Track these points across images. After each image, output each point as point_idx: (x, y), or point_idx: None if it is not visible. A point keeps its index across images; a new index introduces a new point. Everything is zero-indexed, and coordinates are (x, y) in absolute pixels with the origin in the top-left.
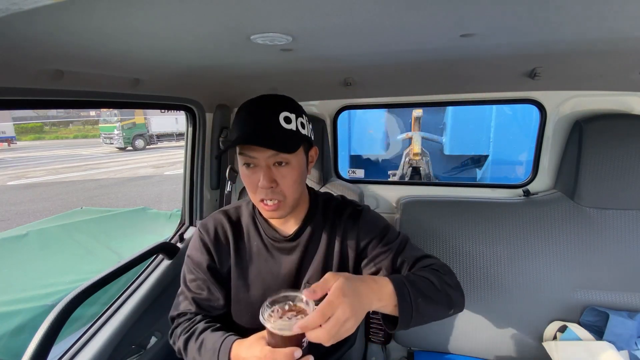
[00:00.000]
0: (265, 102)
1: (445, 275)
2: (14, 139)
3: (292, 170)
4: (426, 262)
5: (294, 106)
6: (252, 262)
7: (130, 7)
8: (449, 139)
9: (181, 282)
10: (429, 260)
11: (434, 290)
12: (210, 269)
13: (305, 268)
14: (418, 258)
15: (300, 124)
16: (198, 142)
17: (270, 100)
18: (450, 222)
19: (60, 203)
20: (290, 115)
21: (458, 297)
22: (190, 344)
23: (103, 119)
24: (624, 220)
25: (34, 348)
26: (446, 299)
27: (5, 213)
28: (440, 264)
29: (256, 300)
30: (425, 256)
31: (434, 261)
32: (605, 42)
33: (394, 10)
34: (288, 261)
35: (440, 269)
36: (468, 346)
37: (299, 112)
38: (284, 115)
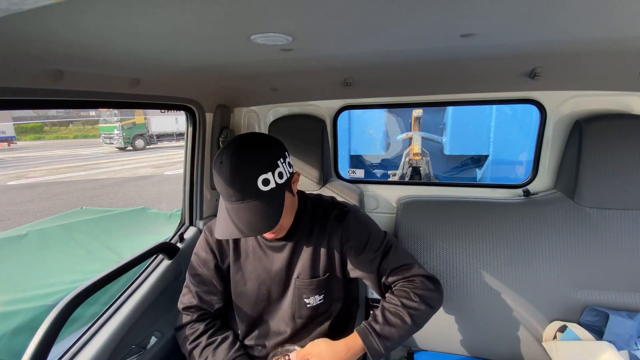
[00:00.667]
0: (241, 172)
1: (417, 295)
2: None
3: (284, 211)
4: (406, 273)
5: (268, 158)
6: (248, 260)
7: (130, 7)
8: (449, 139)
9: (186, 275)
10: (408, 271)
11: (401, 328)
12: (214, 266)
13: (295, 264)
14: (398, 268)
15: (277, 176)
16: (198, 142)
17: (247, 164)
18: (450, 222)
19: (60, 203)
20: (266, 175)
21: (429, 312)
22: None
23: (103, 119)
24: (624, 220)
25: (34, 348)
26: (415, 325)
27: (5, 213)
28: (417, 280)
29: (252, 294)
30: (405, 266)
31: (412, 273)
32: (605, 42)
33: (394, 10)
34: (279, 258)
35: (414, 289)
36: (468, 346)
37: (273, 163)
38: (262, 178)
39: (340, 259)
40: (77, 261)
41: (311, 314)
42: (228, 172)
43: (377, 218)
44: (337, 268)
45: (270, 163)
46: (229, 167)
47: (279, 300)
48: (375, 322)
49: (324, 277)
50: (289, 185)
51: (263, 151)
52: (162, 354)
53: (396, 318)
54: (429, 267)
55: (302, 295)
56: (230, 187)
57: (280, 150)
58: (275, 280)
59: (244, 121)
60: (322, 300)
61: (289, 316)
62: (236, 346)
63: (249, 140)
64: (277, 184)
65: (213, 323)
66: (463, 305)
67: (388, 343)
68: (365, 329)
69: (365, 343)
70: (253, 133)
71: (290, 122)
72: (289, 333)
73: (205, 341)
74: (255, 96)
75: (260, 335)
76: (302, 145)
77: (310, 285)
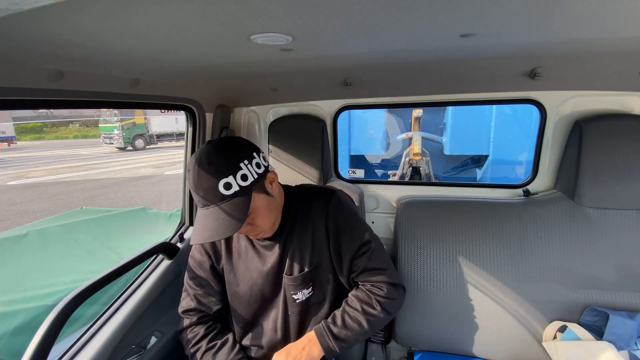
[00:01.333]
0: (203, 178)
1: (379, 304)
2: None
3: (258, 213)
4: (375, 277)
5: (230, 162)
6: (241, 260)
7: (130, 7)
8: (449, 139)
9: (184, 279)
10: (378, 275)
11: (357, 332)
12: (209, 267)
13: (285, 261)
14: (370, 270)
15: (240, 178)
16: (198, 142)
17: (208, 171)
18: (450, 222)
19: (60, 203)
20: (227, 179)
21: (387, 319)
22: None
23: (103, 119)
24: (624, 220)
25: (34, 348)
26: (371, 330)
27: (5, 213)
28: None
29: (245, 294)
30: (377, 270)
31: (381, 279)
32: (605, 42)
33: (394, 10)
34: (270, 257)
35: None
36: (468, 346)
37: (235, 166)
38: (223, 183)
39: (328, 244)
40: (77, 261)
41: (302, 309)
42: (192, 179)
43: (377, 218)
44: (326, 256)
45: (232, 167)
46: (194, 174)
47: (272, 299)
48: (334, 324)
49: (309, 269)
50: (260, 186)
51: (224, 156)
52: (162, 354)
53: (354, 323)
54: (428, 267)
55: (291, 292)
56: (196, 193)
57: (247, 152)
58: (267, 280)
59: (244, 121)
60: (311, 292)
61: (282, 313)
62: (235, 350)
63: (212, 146)
64: (241, 187)
65: (214, 326)
66: (463, 305)
67: (344, 344)
68: (322, 331)
69: (322, 344)
70: (221, 138)
71: (290, 122)
72: (284, 331)
73: (205, 346)
74: (255, 96)
75: (256, 335)
76: (302, 145)
77: (296, 281)
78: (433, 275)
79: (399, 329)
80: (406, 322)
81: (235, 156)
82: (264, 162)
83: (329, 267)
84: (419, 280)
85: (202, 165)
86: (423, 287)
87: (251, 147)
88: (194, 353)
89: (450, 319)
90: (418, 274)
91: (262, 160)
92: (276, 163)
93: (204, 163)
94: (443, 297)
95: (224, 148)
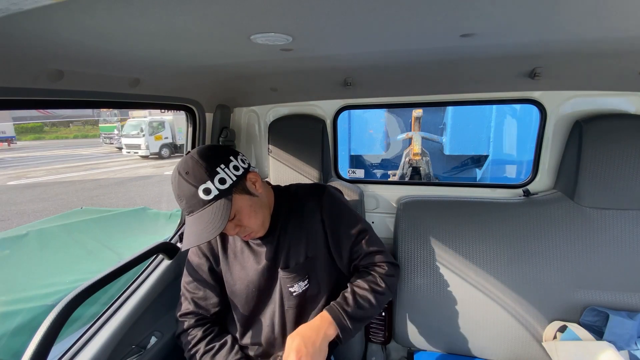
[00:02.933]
0: (183, 187)
1: (384, 281)
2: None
3: (243, 213)
4: (376, 259)
5: (205, 168)
6: (236, 260)
7: (130, 7)
8: (449, 139)
9: (182, 284)
10: (378, 257)
11: (368, 310)
12: (207, 269)
13: (279, 257)
14: (371, 253)
15: (218, 182)
16: (198, 142)
17: (187, 179)
18: (450, 222)
19: (60, 203)
20: (206, 185)
21: (390, 296)
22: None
23: (103, 118)
24: (624, 220)
25: (34, 348)
26: (378, 308)
27: (5, 213)
28: (384, 266)
29: (242, 293)
30: (377, 252)
31: (382, 259)
32: (605, 42)
33: (394, 10)
34: (264, 255)
35: (382, 275)
36: (468, 346)
37: (212, 171)
38: (202, 188)
39: (324, 237)
40: (77, 261)
41: (299, 302)
42: (175, 190)
43: (377, 218)
44: (321, 248)
45: (209, 172)
46: (175, 184)
47: (268, 295)
48: (346, 304)
49: (304, 261)
50: (241, 187)
51: (201, 163)
52: (162, 354)
53: (364, 301)
54: (428, 267)
55: (287, 285)
56: (179, 202)
57: (223, 157)
58: (263, 276)
59: (244, 121)
60: (307, 285)
61: (279, 308)
62: (234, 351)
63: (190, 156)
64: (220, 190)
65: (212, 329)
66: (463, 305)
67: (357, 324)
68: (336, 311)
69: (338, 324)
70: (198, 147)
71: (290, 122)
72: (281, 327)
73: (203, 348)
74: (255, 96)
75: (255, 332)
76: (302, 145)
77: (292, 273)
78: (433, 275)
79: (399, 329)
80: (406, 322)
81: (211, 162)
82: (243, 164)
83: (324, 259)
84: (419, 280)
85: (181, 175)
86: (423, 287)
87: (228, 152)
88: (192, 355)
89: (450, 319)
90: (418, 274)
91: (241, 163)
92: (276, 163)
93: (182, 173)
94: (443, 297)
95: (200, 156)
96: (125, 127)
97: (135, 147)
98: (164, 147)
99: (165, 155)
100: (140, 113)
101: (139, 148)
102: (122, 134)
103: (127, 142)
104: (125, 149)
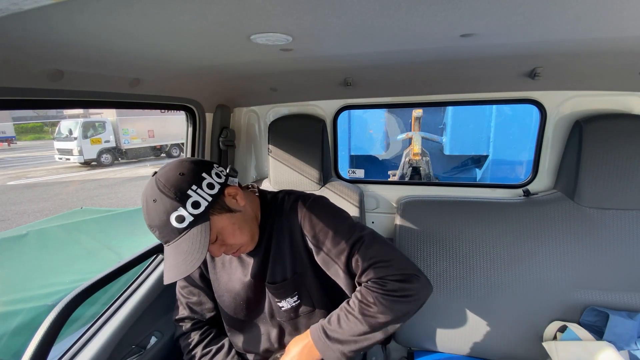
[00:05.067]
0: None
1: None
2: (14, 139)
3: (225, 234)
4: (379, 272)
5: (174, 194)
6: (224, 271)
7: (130, 7)
8: (449, 139)
9: (176, 289)
10: (382, 270)
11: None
12: (199, 276)
13: (265, 270)
14: (371, 266)
15: (192, 206)
16: (198, 142)
17: (155, 208)
18: (450, 222)
19: (60, 203)
20: (177, 212)
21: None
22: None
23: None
24: (624, 220)
25: (34, 348)
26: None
27: (5, 213)
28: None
29: (230, 304)
30: (379, 263)
31: (386, 273)
32: (605, 42)
33: (394, 10)
34: (251, 267)
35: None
36: (468, 346)
37: (183, 196)
38: (174, 216)
39: (308, 254)
40: (77, 261)
41: (291, 317)
42: (145, 219)
43: (377, 218)
44: (307, 265)
45: (179, 198)
46: (145, 213)
47: (257, 308)
48: (328, 323)
49: (291, 277)
50: (219, 206)
51: (168, 188)
52: (162, 354)
53: (350, 322)
54: (428, 267)
55: (275, 300)
56: (152, 232)
57: (193, 176)
58: (250, 290)
59: (244, 121)
60: (297, 302)
61: (269, 319)
62: (230, 354)
63: (155, 180)
64: (195, 215)
65: (209, 332)
66: (463, 305)
67: (341, 347)
68: (317, 331)
69: (317, 346)
70: (163, 168)
71: (290, 122)
72: (277, 333)
73: (200, 352)
74: (255, 96)
75: (248, 340)
76: (302, 145)
77: (278, 290)
78: (433, 276)
79: (399, 329)
80: (406, 322)
81: (180, 185)
82: (218, 179)
83: (314, 276)
84: None
85: (149, 203)
86: None
87: (199, 168)
88: (190, 359)
89: (450, 319)
90: None
91: (216, 178)
92: (276, 163)
93: (150, 201)
94: (443, 297)
95: (167, 179)
96: (58, 129)
97: (67, 152)
98: (103, 153)
99: (106, 162)
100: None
101: (71, 154)
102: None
103: (59, 147)
104: (58, 155)
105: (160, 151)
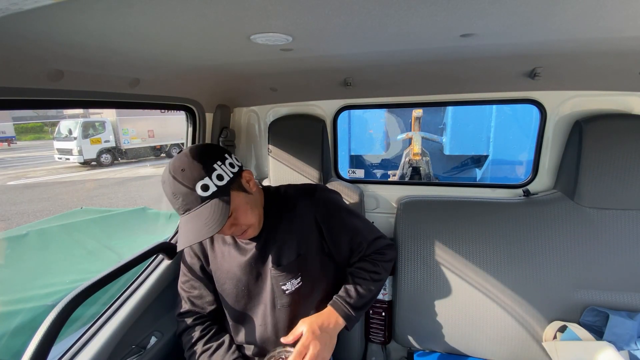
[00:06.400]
0: (179, 184)
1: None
2: (14, 138)
3: (240, 211)
4: (378, 245)
5: (203, 164)
6: (225, 259)
7: (130, 7)
8: (449, 139)
9: (178, 283)
10: (380, 243)
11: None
12: (199, 269)
13: (268, 255)
14: (373, 241)
15: (217, 178)
16: (198, 142)
17: (183, 177)
18: (450, 222)
19: (60, 203)
20: (204, 181)
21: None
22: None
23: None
24: (624, 220)
25: (34, 348)
26: (378, 292)
27: (5, 213)
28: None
29: (231, 292)
30: (377, 239)
31: (383, 244)
32: (605, 42)
33: (394, 10)
34: (252, 254)
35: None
36: (468, 346)
37: (209, 168)
38: (200, 185)
39: (319, 234)
40: (77, 261)
41: (293, 300)
42: (169, 188)
43: (377, 218)
44: (314, 247)
45: (206, 169)
46: (170, 183)
47: (259, 294)
48: (349, 297)
49: (296, 258)
50: (237, 184)
51: (197, 160)
52: (162, 354)
53: (365, 290)
54: (428, 267)
55: (279, 283)
56: (175, 200)
57: (217, 154)
58: (251, 276)
59: (244, 121)
60: (300, 283)
61: (270, 308)
62: (231, 350)
63: (183, 154)
64: (218, 187)
65: (209, 328)
66: (463, 305)
67: (361, 311)
68: (341, 306)
69: (341, 315)
70: (190, 146)
71: (290, 122)
72: (273, 326)
73: (201, 348)
74: (255, 96)
75: (248, 332)
76: (302, 145)
77: (284, 271)
78: (433, 275)
79: (399, 329)
80: (406, 322)
81: (207, 159)
82: (237, 162)
83: (316, 257)
84: (418, 280)
85: (176, 172)
86: (423, 287)
87: (222, 150)
88: (191, 355)
89: (450, 319)
90: (418, 274)
91: (235, 161)
92: (276, 163)
93: (177, 170)
94: (443, 297)
95: (196, 153)
96: (58, 129)
97: (67, 152)
98: (103, 153)
99: (105, 162)
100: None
101: (71, 153)
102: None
103: (58, 147)
104: (57, 154)
105: (160, 151)
